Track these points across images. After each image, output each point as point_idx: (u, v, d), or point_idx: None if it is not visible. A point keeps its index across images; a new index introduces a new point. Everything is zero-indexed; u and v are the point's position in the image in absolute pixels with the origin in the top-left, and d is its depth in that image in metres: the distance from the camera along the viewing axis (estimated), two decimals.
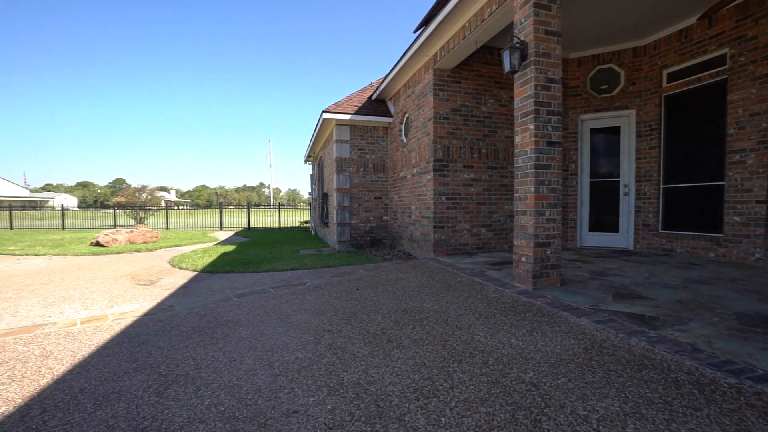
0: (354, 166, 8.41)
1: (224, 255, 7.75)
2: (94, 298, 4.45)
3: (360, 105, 8.58)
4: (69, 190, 73.66)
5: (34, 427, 1.96)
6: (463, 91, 6.32)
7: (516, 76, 4.03)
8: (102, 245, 9.15)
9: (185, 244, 9.76)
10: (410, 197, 7.29)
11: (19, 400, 2.23)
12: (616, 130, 6.70)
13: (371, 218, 8.62)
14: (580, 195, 6.95)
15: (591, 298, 3.54)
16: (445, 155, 6.28)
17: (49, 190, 67.90)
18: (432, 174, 6.23)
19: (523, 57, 3.85)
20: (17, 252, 8.28)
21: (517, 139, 4.06)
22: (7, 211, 16.22)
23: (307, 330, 3.17)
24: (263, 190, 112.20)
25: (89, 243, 9.58)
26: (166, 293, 4.65)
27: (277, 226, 15.92)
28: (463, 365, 2.35)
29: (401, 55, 6.67)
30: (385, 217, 8.71)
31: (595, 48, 6.59)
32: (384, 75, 8.06)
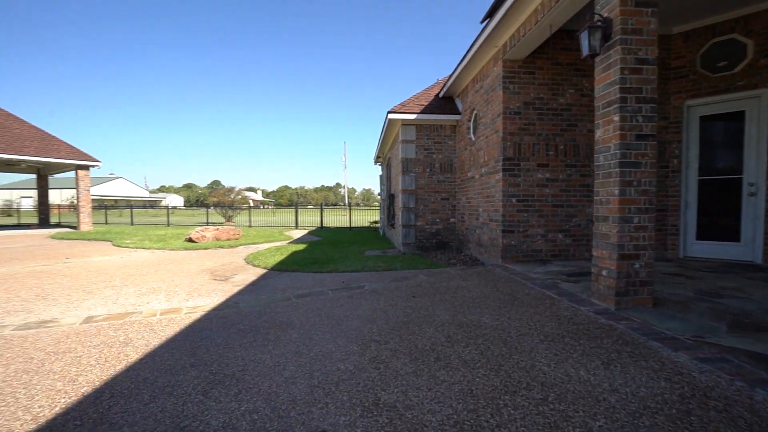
0: (420, 167, 8.20)
1: (294, 254, 8.12)
2: (176, 291, 4.92)
3: (426, 104, 8.34)
4: (177, 191, 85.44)
5: (101, 411, 2.14)
6: (537, 83, 5.72)
7: (597, 60, 3.47)
8: (193, 241, 10.26)
9: (262, 242, 10.49)
10: (478, 199, 6.86)
11: (98, 383, 2.47)
12: (738, 116, 5.49)
13: (437, 220, 8.33)
14: (684, 196, 5.85)
15: (694, 325, 2.88)
16: (516, 153, 5.75)
17: (163, 191, 79.57)
18: (501, 174, 5.76)
19: (606, 37, 3.28)
20: (131, 245, 9.69)
21: (598, 133, 3.49)
22: (128, 210, 19.27)
23: (354, 338, 3.07)
24: (339, 190, 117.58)
25: (184, 239, 10.82)
26: (235, 290, 4.95)
27: (348, 225, 16.41)
28: (517, 399, 2.02)
29: (468, 47, 6.28)
30: (452, 219, 8.35)
31: (710, 17, 5.47)
32: (452, 71, 7.70)
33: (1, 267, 6.74)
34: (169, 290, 4.93)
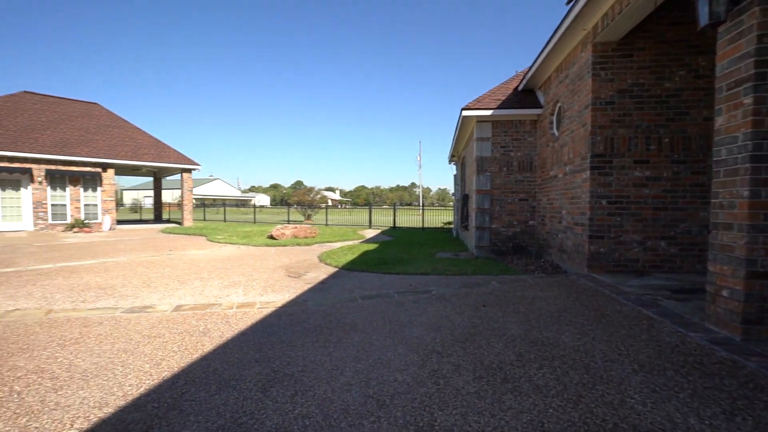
0: (496, 166, 7.71)
1: (365, 253, 8.22)
2: (253, 285, 5.26)
3: (503, 98, 7.81)
4: (264, 190, 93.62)
5: (175, 396, 2.30)
6: (635, 66, 4.95)
7: (721, 30, 2.82)
8: (274, 238, 11.01)
9: (336, 241, 10.86)
10: (561, 200, 6.20)
11: (176, 369, 2.68)
12: None
13: (515, 222, 7.76)
14: None
15: None
16: (608, 149, 5.04)
17: (252, 191, 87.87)
18: (588, 172, 5.10)
19: None
20: (221, 241, 10.76)
21: (720, 120, 2.84)
22: (222, 207, 21.61)
23: (416, 347, 2.92)
24: (414, 189, 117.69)
25: (266, 236, 11.69)
26: (306, 287, 5.13)
27: (421, 226, 16.24)
28: None
29: (551, 34, 5.69)
30: (530, 222, 7.71)
31: None
32: (532, 61, 7.08)
33: (123, 256, 7.94)
34: (247, 284, 5.29)
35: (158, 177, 20.48)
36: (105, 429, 1.98)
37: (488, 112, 7.48)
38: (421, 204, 20.69)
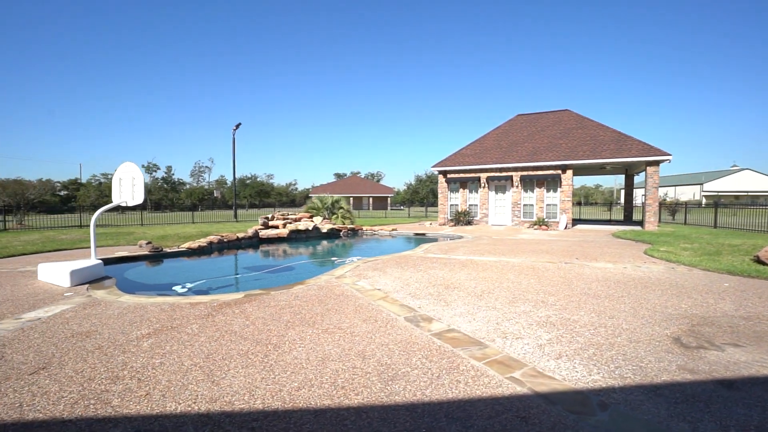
0: None
1: None
2: (581, 335, 3.35)
3: None
4: None
5: None
6: None
7: None
8: (763, 263, 6.41)
9: None
10: None
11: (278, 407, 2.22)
12: None
13: None
14: None
15: None
16: None
17: None
18: None
19: None
20: (658, 255, 7.66)
21: None
22: (714, 208, 15.45)
23: None
24: None
25: (751, 256, 7.02)
26: (669, 377, 2.58)
27: None
28: None
29: None
30: None
31: None
32: None
33: (523, 257, 7.68)
34: (577, 332, 3.47)
35: (629, 174, 18.34)
36: None
37: None
38: None
